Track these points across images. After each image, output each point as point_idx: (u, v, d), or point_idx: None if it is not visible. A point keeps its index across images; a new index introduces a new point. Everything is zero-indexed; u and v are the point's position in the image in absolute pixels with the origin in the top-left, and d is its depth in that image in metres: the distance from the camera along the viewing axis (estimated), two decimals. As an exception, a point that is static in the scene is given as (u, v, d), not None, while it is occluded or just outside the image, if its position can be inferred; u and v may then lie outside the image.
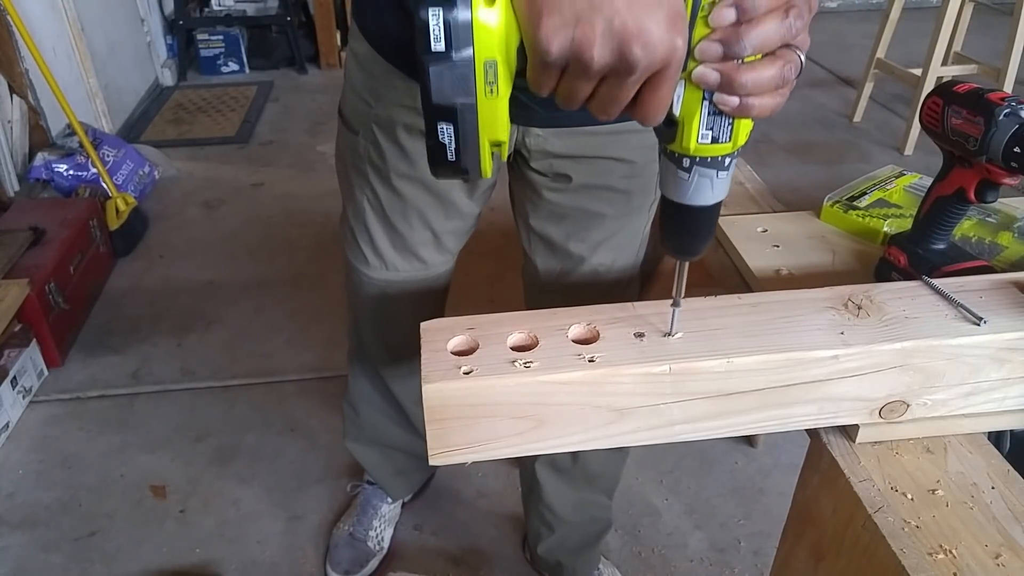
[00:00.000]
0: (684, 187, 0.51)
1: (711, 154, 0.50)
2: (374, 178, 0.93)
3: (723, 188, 0.52)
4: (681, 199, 0.52)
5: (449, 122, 0.47)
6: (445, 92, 0.46)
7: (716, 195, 0.52)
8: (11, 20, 2.19)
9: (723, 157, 0.50)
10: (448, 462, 0.59)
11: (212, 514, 1.54)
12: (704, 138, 0.49)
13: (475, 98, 0.46)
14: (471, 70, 0.45)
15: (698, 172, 0.50)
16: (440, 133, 0.47)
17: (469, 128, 0.47)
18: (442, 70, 0.45)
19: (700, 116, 0.48)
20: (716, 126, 0.48)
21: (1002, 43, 2.81)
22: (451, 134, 0.47)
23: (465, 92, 0.46)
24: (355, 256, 1.03)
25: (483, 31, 0.44)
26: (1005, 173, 0.69)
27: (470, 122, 0.47)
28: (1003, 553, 0.54)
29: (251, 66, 3.89)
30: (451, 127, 0.47)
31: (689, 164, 0.50)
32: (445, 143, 0.48)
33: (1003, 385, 0.62)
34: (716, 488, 1.60)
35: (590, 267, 0.98)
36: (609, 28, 0.42)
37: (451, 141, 0.48)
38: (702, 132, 0.49)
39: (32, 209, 2.14)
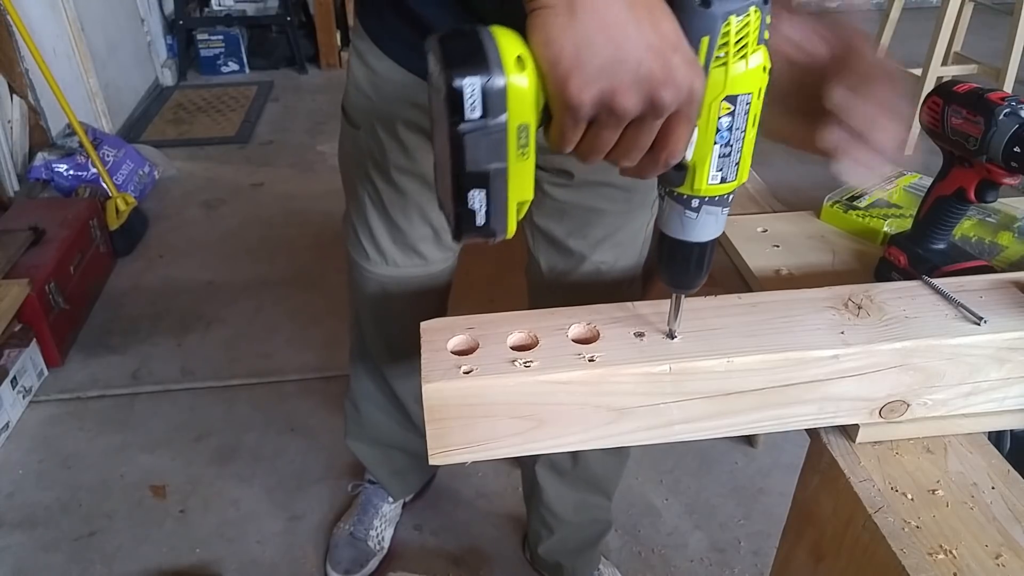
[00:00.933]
0: (691, 226, 0.53)
1: (720, 193, 0.51)
2: (374, 173, 0.93)
3: (724, 222, 0.54)
4: (687, 237, 0.54)
5: (481, 188, 0.46)
6: (479, 160, 0.45)
7: (718, 229, 0.54)
8: (11, 20, 2.19)
9: (728, 194, 0.52)
10: (448, 462, 0.59)
11: (212, 514, 1.54)
12: (715, 179, 0.50)
13: (507, 162, 0.46)
14: (504, 135, 0.44)
15: (706, 211, 0.52)
16: (470, 200, 0.47)
17: (500, 192, 0.47)
18: (478, 138, 0.44)
19: (712, 159, 0.49)
20: (726, 167, 0.50)
21: (1002, 43, 2.81)
22: (482, 199, 0.47)
23: (498, 157, 0.45)
24: (356, 251, 1.03)
25: (517, 95, 0.43)
26: (1005, 173, 0.69)
27: (501, 187, 0.47)
28: (1003, 553, 0.54)
29: (251, 66, 3.89)
30: (483, 192, 0.47)
31: (698, 205, 0.52)
32: (475, 209, 0.47)
33: (1003, 385, 0.62)
34: (716, 488, 1.60)
35: (592, 265, 0.98)
36: (636, 76, 0.43)
37: (481, 207, 0.47)
38: (713, 174, 0.50)
39: (32, 209, 2.14)
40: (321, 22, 3.85)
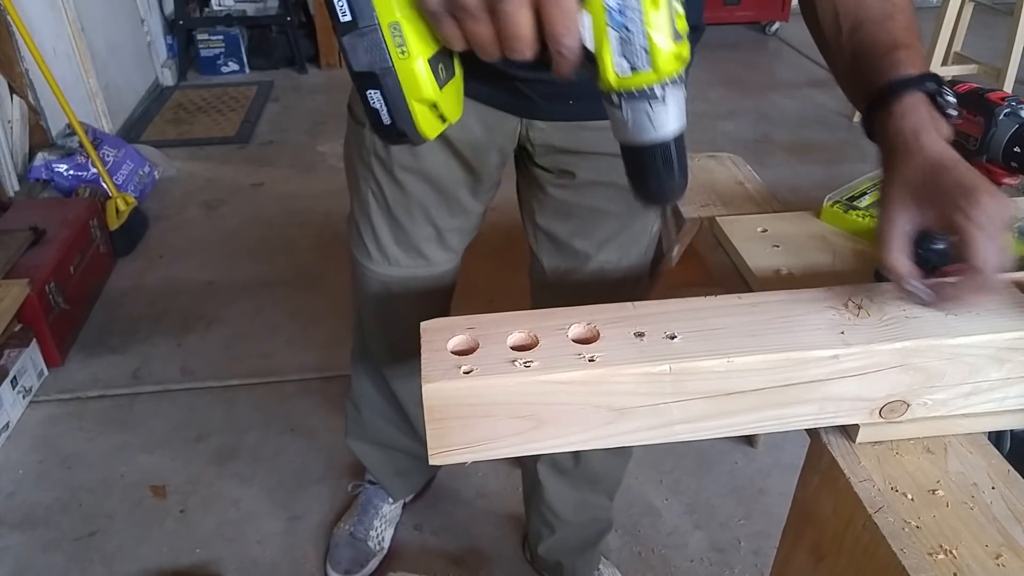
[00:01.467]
0: (623, 126, 0.50)
1: (634, 85, 0.48)
2: (379, 170, 0.94)
3: (665, 122, 0.50)
4: (625, 139, 0.51)
5: (375, 88, 0.50)
6: (361, 60, 0.49)
7: (659, 129, 0.50)
8: (11, 20, 2.19)
9: (651, 88, 0.48)
10: (448, 462, 0.59)
11: (212, 514, 1.54)
12: (621, 69, 0.48)
13: (391, 62, 0.49)
14: (379, 35, 0.48)
15: (629, 108, 0.49)
16: (371, 100, 0.50)
17: (393, 91, 0.50)
18: (354, 40, 0.48)
19: (610, 45, 0.47)
20: (630, 53, 0.47)
21: (1002, 43, 2.81)
22: (379, 99, 0.50)
23: (380, 57, 0.48)
24: (359, 250, 1.03)
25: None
26: (1005, 173, 0.70)
27: (392, 85, 0.49)
28: (1003, 553, 0.54)
29: (251, 66, 3.89)
30: (377, 92, 0.50)
31: (618, 100, 0.49)
32: (377, 108, 0.51)
33: (1003, 385, 0.62)
34: (716, 488, 1.60)
35: (596, 265, 0.98)
36: None
37: (381, 106, 0.50)
38: (616, 61, 0.48)
39: (32, 209, 2.14)
40: (321, 22, 3.86)
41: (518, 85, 0.82)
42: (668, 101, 0.49)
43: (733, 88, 3.60)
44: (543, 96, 0.84)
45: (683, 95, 0.50)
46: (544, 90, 0.83)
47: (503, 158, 0.94)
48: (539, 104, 0.84)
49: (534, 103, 0.84)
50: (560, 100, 0.84)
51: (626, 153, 0.53)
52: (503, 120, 0.87)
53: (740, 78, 3.74)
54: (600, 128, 0.87)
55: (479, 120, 0.87)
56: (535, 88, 0.83)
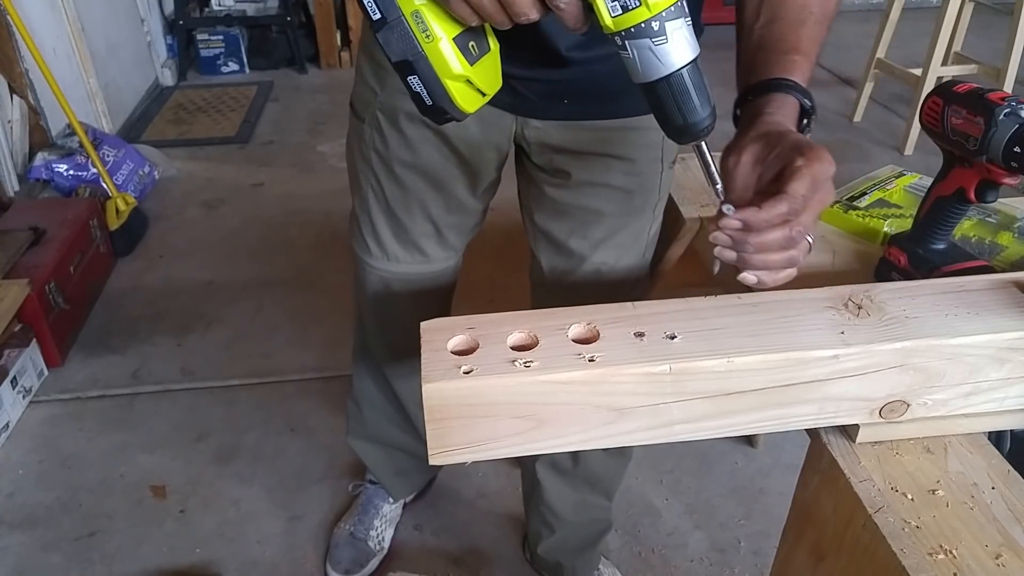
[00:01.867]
0: (633, 67, 0.52)
1: (631, 23, 0.50)
2: (378, 166, 0.94)
3: (671, 55, 0.51)
4: (639, 79, 0.53)
5: (413, 74, 0.55)
6: (396, 50, 0.54)
7: (666, 63, 0.51)
8: (11, 20, 2.19)
9: (647, 23, 0.49)
10: (448, 462, 0.59)
11: (212, 514, 1.54)
12: (614, 10, 0.49)
13: (420, 47, 0.53)
14: (405, 25, 0.53)
15: (633, 46, 0.51)
16: (412, 85, 0.55)
17: (427, 73, 0.54)
18: (386, 34, 0.53)
19: None
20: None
21: (1002, 43, 2.81)
22: (418, 83, 0.55)
23: (410, 45, 0.53)
24: (359, 246, 1.04)
25: None
26: (1005, 173, 0.69)
27: (426, 69, 0.54)
28: (1003, 553, 0.54)
29: (251, 66, 3.89)
30: (415, 77, 0.55)
31: (621, 42, 0.51)
32: (418, 91, 0.55)
33: (1003, 385, 0.62)
34: (716, 488, 1.60)
35: (592, 265, 0.98)
36: None
37: (421, 89, 0.55)
38: (610, 6, 0.49)
39: (32, 209, 2.14)
40: (321, 22, 3.85)
41: (514, 83, 0.82)
42: (669, 33, 0.50)
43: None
44: (538, 95, 0.84)
45: (685, 25, 0.51)
46: (539, 89, 0.84)
47: (500, 156, 0.94)
48: (534, 102, 0.85)
49: (529, 101, 0.84)
50: (554, 99, 0.85)
51: (645, 93, 0.54)
52: (499, 118, 0.88)
53: (740, 78, 3.74)
54: (595, 128, 0.87)
55: (475, 117, 0.87)
56: (531, 87, 0.83)
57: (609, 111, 0.86)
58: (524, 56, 0.79)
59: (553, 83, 0.83)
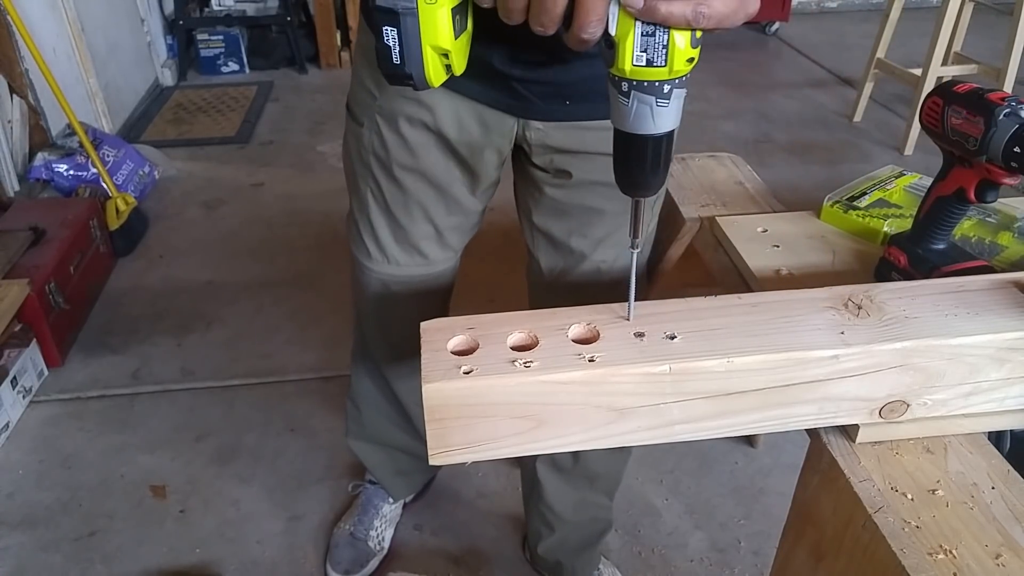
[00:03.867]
0: (625, 113, 0.52)
1: (647, 78, 0.50)
2: (377, 169, 0.94)
3: (666, 119, 0.52)
4: (623, 126, 0.53)
5: (393, 26, 0.51)
6: (387, 3, 0.50)
7: (658, 125, 0.52)
8: (11, 20, 2.19)
9: (660, 83, 0.50)
10: (448, 462, 0.59)
11: (212, 514, 1.54)
12: (639, 60, 0.49)
13: (415, 3, 0.50)
14: None
15: (637, 98, 0.51)
16: (385, 35, 0.51)
17: (411, 32, 0.51)
18: None
19: (634, 36, 0.49)
20: (650, 48, 0.49)
21: (1002, 43, 2.81)
22: (395, 37, 0.51)
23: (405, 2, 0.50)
24: (358, 249, 1.03)
25: None
26: (1005, 173, 0.69)
27: (411, 26, 0.51)
28: (1003, 553, 0.54)
29: (251, 66, 3.89)
30: (395, 31, 0.51)
31: (628, 88, 0.51)
32: (390, 46, 0.52)
33: (1003, 385, 0.62)
34: (716, 488, 1.60)
35: (592, 264, 0.98)
36: None
37: (395, 44, 0.51)
38: (636, 54, 0.49)
39: (32, 209, 2.14)
40: (321, 22, 3.85)
41: (515, 85, 0.82)
42: (672, 99, 0.51)
43: (733, 88, 3.60)
44: (540, 96, 0.84)
45: (684, 95, 0.52)
46: (541, 90, 0.83)
47: (501, 158, 0.94)
48: (536, 104, 0.85)
49: (531, 103, 0.84)
50: (557, 100, 0.85)
51: (620, 139, 0.54)
52: (500, 120, 0.88)
53: (740, 78, 3.74)
54: (597, 128, 0.87)
55: (476, 119, 0.87)
56: (532, 88, 0.83)
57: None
58: (526, 58, 0.79)
59: (556, 85, 0.83)
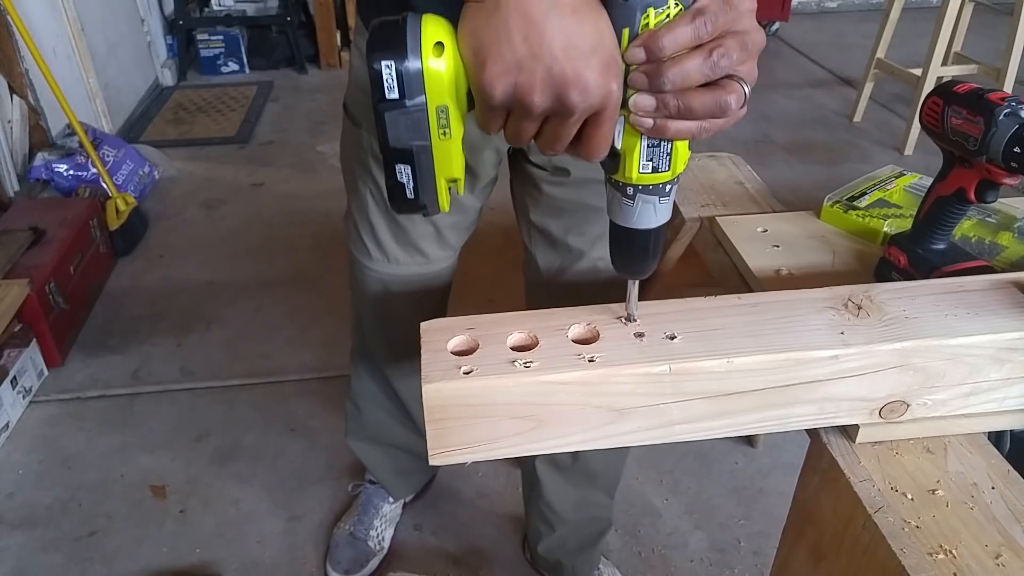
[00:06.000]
0: (629, 213, 0.54)
1: (652, 183, 0.52)
2: (376, 170, 0.94)
3: (666, 211, 0.55)
4: (627, 224, 0.55)
5: (406, 163, 0.50)
6: (401, 137, 0.49)
7: (660, 218, 0.55)
8: (11, 20, 2.19)
9: (664, 184, 0.53)
10: (448, 462, 0.59)
11: (212, 514, 1.54)
12: (645, 168, 0.51)
13: (429, 141, 0.50)
14: (424, 116, 0.48)
15: (641, 199, 0.53)
16: (398, 174, 0.51)
17: (425, 169, 0.51)
18: (397, 116, 0.48)
19: (640, 149, 0.50)
20: (656, 157, 0.51)
21: (1002, 43, 2.81)
22: (409, 174, 0.51)
23: (420, 136, 0.49)
24: (358, 250, 1.03)
25: (434, 79, 0.47)
26: (1005, 173, 0.69)
27: (426, 163, 0.50)
28: (1003, 553, 0.54)
29: (251, 66, 3.89)
30: (408, 168, 0.51)
31: (633, 192, 0.53)
32: (404, 183, 0.51)
33: (1003, 385, 0.62)
34: (716, 488, 1.60)
35: (589, 261, 0.99)
36: (548, 75, 0.45)
37: (409, 181, 0.51)
38: (643, 164, 0.51)
39: (32, 209, 2.14)
40: (321, 22, 3.85)
41: None
42: (671, 193, 0.54)
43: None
44: None
45: (678, 186, 0.54)
46: None
47: (499, 156, 0.94)
48: None
49: None
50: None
51: (622, 233, 0.56)
52: None
53: (740, 78, 3.74)
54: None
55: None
56: None
57: None
58: None
59: None
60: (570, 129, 0.48)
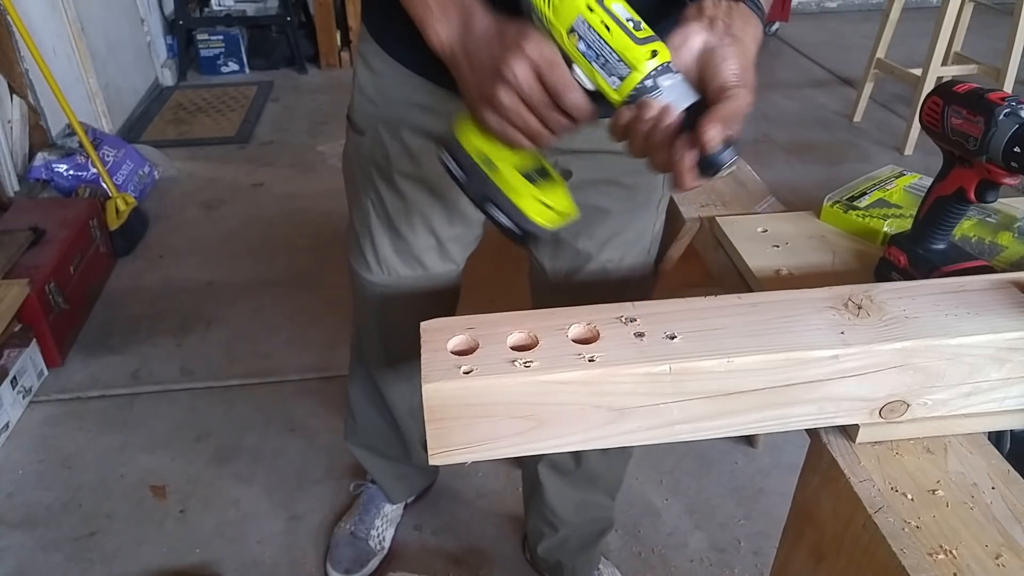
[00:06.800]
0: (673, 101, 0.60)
1: (629, 89, 0.59)
2: (378, 179, 0.93)
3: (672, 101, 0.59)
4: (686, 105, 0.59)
5: (494, 205, 0.65)
6: (477, 192, 0.65)
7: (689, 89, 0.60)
8: (11, 20, 2.19)
9: (641, 84, 0.58)
10: (448, 462, 0.59)
11: (212, 514, 1.54)
12: (616, 85, 0.59)
13: (490, 179, 0.64)
14: (479, 168, 0.64)
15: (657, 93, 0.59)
16: (496, 217, 0.65)
17: (506, 203, 0.64)
18: (470, 185, 0.65)
19: (600, 76, 0.59)
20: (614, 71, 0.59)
21: (1002, 43, 2.81)
22: (499, 211, 0.65)
23: (483, 182, 0.65)
24: (358, 262, 1.02)
25: (469, 143, 0.65)
26: (1005, 173, 0.69)
27: (499, 196, 0.64)
28: (1003, 553, 0.54)
29: (251, 66, 3.89)
30: (495, 207, 0.65)
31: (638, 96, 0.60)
32: (503, 221, 0.65)
33: (1003, 385, 0.62)
34: (716, 488, 1.60)
35: (598, 264, 0.98)
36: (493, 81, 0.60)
37: (505, 217, 0.65)
38: (610, 83, 0.59)
39: (32, 209, 2.14)
40: (321, 22, 3.85)
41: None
42: (663, 89, 0.57)
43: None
44: None
45: (677, 77, 0.58)
46: None
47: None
48: None
49: None
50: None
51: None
52: None
53: (740, 78, 3.74)
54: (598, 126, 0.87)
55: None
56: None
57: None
58: None
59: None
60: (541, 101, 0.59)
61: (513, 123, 0.60)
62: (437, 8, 0.64)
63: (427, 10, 0.65)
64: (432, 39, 0.65)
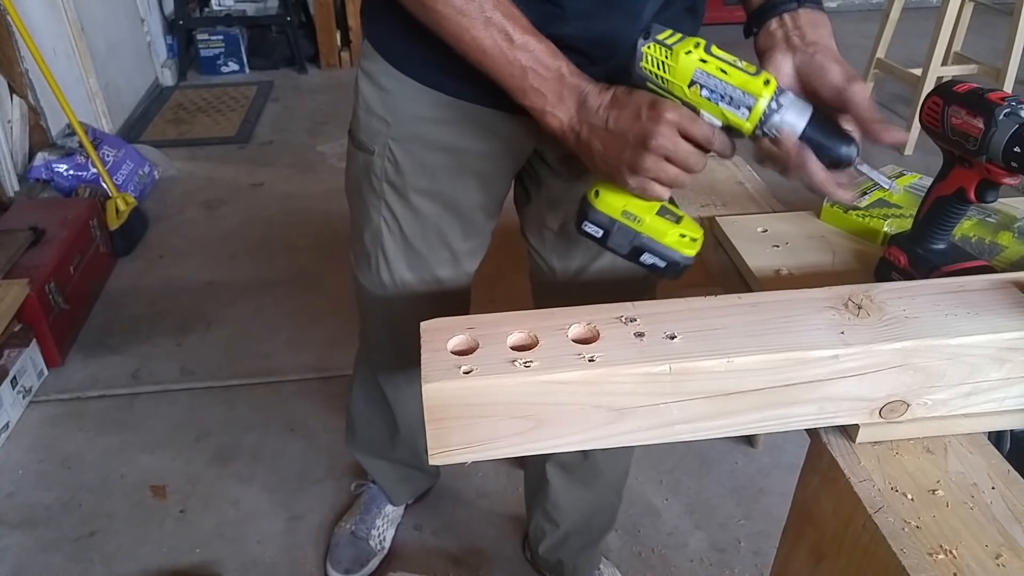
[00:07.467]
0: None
1: (757, 117, 0.66)
2: (391, 197, 0.91)
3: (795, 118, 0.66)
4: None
5: (644, 252, 0.72)
6: (624, 246, 0.73)
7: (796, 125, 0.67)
8: (11, 20, 2.19)
9: (768, 110, 0.66)
10: (448, 462, 0.59)
11: (212, 514, 1.54)
12: (744, 116, 0.66)
13: (636, 231, 0.72)
14: (622, 226, 0.72)
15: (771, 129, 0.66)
16: (647, 263, 0.73)
17: (653, 245, 0.72)
18: (613, 239, 0.73)
19: (728, 113, 0.66)
20: (738, 105, 0.66)
21: (1002, 43, 2.81)
22: (651, 257, 0.72)
23: (630, 235, 0.72)
24: (368, 279, 1.00)
25: (607, 205, 0.73)
26: (1005, 173, 0.69)
27: (649, 243, 0.72)
28: (1003, 553, 0.54)
29: (251, 66, 3.89)
30: (647, 254, 0.72)
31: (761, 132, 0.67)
32: (652, 263, 0.73)
33: (1003, 385, 0.62)
34: (716, 488, 1.60)
35: (605, 261, 0.98)
36: (635, 149, 0.68)
37: (653, 261, 0.73)
38: (739, 116, 0.66)
39: (32, 209, 2.14)
40: (321, 22, 3.85)
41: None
42: (784, 107, 0.65)
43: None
44: None
45: (790, 94, 0.66)
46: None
47: (518, 164, 0.93)
48: None
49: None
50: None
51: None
52: (523, 124, 0.86)
53: (740, 78, 3.74)
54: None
55: (497, 129, 0.85)
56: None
57: None
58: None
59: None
60: (687, 157, 0.67)
61: (659, 180, 0.67)
62: (553, 96, 0.70)
63: (543, 99, 0.70)
64: (552, 124, 0.71)
